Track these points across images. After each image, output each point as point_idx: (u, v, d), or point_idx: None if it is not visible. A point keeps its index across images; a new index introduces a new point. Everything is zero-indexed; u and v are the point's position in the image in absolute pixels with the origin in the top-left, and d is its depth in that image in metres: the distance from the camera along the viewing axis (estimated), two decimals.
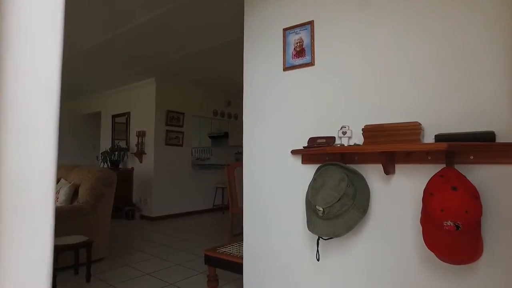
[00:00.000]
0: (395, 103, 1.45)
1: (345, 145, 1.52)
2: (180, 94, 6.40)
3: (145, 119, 6.16)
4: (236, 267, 2.24)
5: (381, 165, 1.42)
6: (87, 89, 6.93)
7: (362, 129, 1.42)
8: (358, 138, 1.53)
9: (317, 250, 1.51)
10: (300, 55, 1.79)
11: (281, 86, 1.86)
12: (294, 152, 1.71)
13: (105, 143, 7.07)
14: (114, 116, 6.91)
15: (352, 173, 1.44)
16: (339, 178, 1.39)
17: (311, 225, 1.47)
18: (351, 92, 1.59)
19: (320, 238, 1.49)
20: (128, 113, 6.54)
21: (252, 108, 2.01)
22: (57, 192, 3.60)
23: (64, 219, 3.16)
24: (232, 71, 5.38)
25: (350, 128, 1.55)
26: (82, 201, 3.40)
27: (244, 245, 2.08)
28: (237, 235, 4.54)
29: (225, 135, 8.81)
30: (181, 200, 6.37)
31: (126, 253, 3.83)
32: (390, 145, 1.28)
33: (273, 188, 1.84)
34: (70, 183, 3.65)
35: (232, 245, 2.65)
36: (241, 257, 2.15)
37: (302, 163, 1.69)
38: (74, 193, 3.58)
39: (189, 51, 4.51)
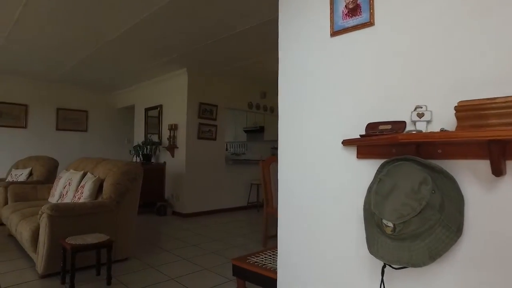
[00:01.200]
0: (504, 68, 0.96)
1: (423, 131, 1.06)
2: (213, 86, 6.10)
3: (177, 112, 5.92)
4: (268, 283, 1.85)
5: (481, 161, 0.95)
6: (121, 82, 6.84)
7: (455, 108, 0.95)
8: (441, 122, 1.06)
9: (381, 282, 1.07)
10: (353, 13, 1.34)
11: (327, 57, 1.42)
12: (346, 142, 1.27)
13: (139, 137, 6.97)
14: (147, 109, 6.77)
15: (438, 173, 0.98)
16: (419, 181, 0.94)
17: (374, 246, 1.03)
18: (429, 59, 1.12)
19: (387, 266, 1.05)
20: (160, 106, 6.35)
21: (289, 89, 1.59)
22: (82, 187, 3.42)
23: (86, 216, 2.94)
24: (267, 57, 4.97)
25: (428, 109, 1.09)
26: (106, 197, 3.17)
27: (278, 259, 1.68)
28: (273, 237, 4.16)
29: (261, 130, 8.43)
30: (214, 196, 6.09)
31: (152, 252, 3.58)
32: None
33: (317, 189, 1.41)
34: (95, 177, 3.45)
35: (265, 254, 2.25)
36: (275, 271, 1.76)
37: (357, 157, 1.25)
38: (99, 188, 3.37)
39: (219, 37, 4.16)
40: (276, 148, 6.35)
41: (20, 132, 6.52)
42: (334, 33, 1.40)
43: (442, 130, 1.00)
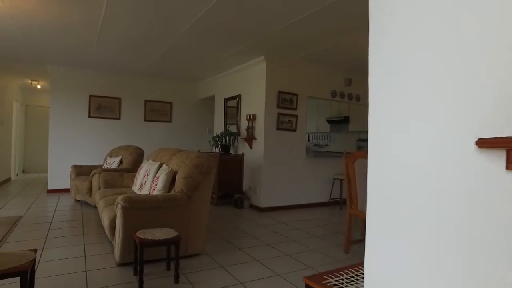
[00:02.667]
0: None
1: None
2: (293, 73, 5.71)
3: (256, 102, 5.70)
4: None
5: None
6: (202, 73, 6.90)
7: None
8: None
9: None
10: None
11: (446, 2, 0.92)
12: (486, 143, 0.78)
13: (219, 127, 6.99)
14: (226, 100, 6.72)
15: None
16: None
17: None
18: None
19: None
20: (239, 96, 6.21)
21: (384, 59, 1.13)
22: (157, 178, 3.39)
23: (158, 209, 2.88)
24: (353, 38, 4.37)
25: None
26: (177, 190, 3.08)
27: (365, 285, 1.26)
28: (357, 242, 3.65)
29: (345, 120, 7.76)
30: (293, 191, 5.75)
31: (224, 249, 3.41)
32: None
33: (436, 207, 0.95)
34: (169, 169, 3.39)
35: (347, 273, 1.83)
36: None
37: (508, 168, 0.75)
38: (172, 180, 3.31)
39: (297, 17, 3.73)
40: (362, 140, 5.70)
41: (115, 123, 7.08)
42: None
43: None
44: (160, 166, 3.72)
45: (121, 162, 5.73)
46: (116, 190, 4.19)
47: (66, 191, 6.39)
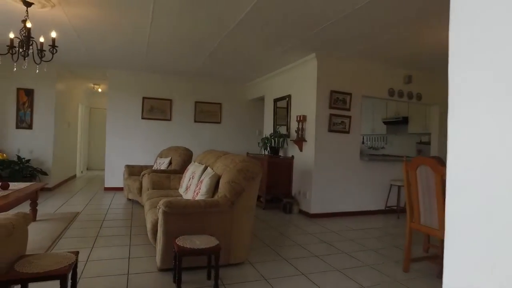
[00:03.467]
0: None
1: None
2: (346, 71, 5.33)
3: (306, 102, 5.43)
4: None
5: None
6: (251, 74, 6.78)
7: None
8: None
9: None
10: None
11: None
12: None
13: (268, 129, 6.82)
14: (275, 100, 6.53)
15: None
16: None
17: None
18: None
19: None
20: (289, 96, 5.98)
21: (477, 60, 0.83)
22: (201, 182, 3.30)
23: (199, 215, 2.76)
24: (416, 28, 3.92)
25: None
26: (220, 195, 2.94)
27: None
28: (418, 260, 3.23)
29: (404, 121, 7.15)
30: (346, 197, 5.38)
31: (269, 260, 3.20)
32: None
33: None
34: (213, 173, 3.28)
35: None
36: None
37: None
38: (216, 184, 3.18)
39: (351, 9, 3.40)
40: (423, 143, 5.12)
41: (166, 124, 7.25)
42: None
43: None
44: (204, 169, 3.63)
45: (170, 163, 5.80)
46: (163, 192, 4.19)
47: (121, 189, 6.65)
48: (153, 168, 5.87)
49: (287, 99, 6.04)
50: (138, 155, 7.02)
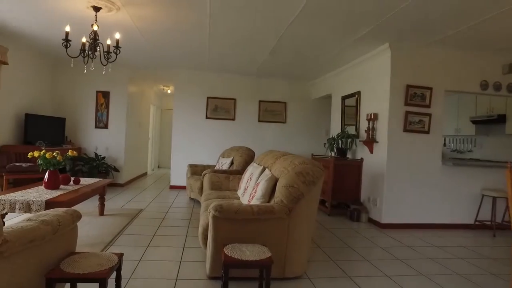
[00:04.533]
0: None
1: None
2: (426, 62, 4.65)
3: (378, 99, 4.86)
4: None
5: None
6: (316, 71, 6.37)
7: None
8: None
9: None
10: None
11: None
12: None
13: (335, 129, 6.34)
14: (343, 98, 6.02)
15: None
16: None
17: None
18: None
19: None
20: (358, 93, 5.45)
21: None
22: (257, 184, 3.04)
23: (252, 221, 2.50)
24: None
25: None
26: (277, 200, 2.65)
27: None
28: None
29: (500, 119, 6.06)
30: (424, 206, 4.68)
31: (331, 275, 2.81)
32: None
33: None
34: (270, 175, 3.00)
35: None
36: None
37: None
38: (273, 188, 2.90)
39: None
40: None
41: (230, 124, 7.20)
42: None
43: None
44: (262, 171, 3.38)
45: (232, 163, 5.69)
46: (220, 193, 4.05)
47: (185, 188, 6.75)
48: (215, 168, 5.83)
49: (356, 96, 5.51)
50: (202, 154, 7.08)
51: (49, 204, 3.03)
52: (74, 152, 3.67)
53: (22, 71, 5.62)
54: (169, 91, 9.31)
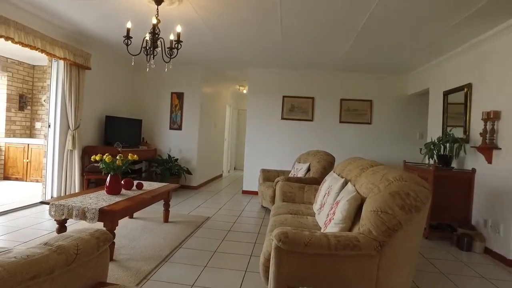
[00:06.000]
0: None
1: None
2: None
3: (500, 92, 3.72)
4: None
5: None
6: (409, 62, 5.32)
7: None
8: None
9: None
10: None
11: None
12: None
13: (434, 131, 5.21)
14: (445, 93, 4.88)
15: None
16: None
17: None
18: None
19: None
20: (468, 86, 4.30)
21: None
22: (337, 203, 2.36)
23: (327, 257, 1.84)
24: None
25: None
26: (362, 229, 1.93)
27: None
28: None
29: None
30: None
31: None
32: None
33: None
34: (354, 193, 2.28)
35: None
36: None
37: None
38: (358, 209, 2.19)
39: None
40: None
41: (307, 125, 6.53)
42: None
43: None
44: (343, 185, 2.67)
45: (308, 169, 5.03)
46: (293, 206, 3.44)
47: (258, 194, 6.31)
48: (289, 175, 5.24)
49: (465, 89, 4.37)
50: (276, 158, 6.55)
51: (103, 213, 2.79)
52: (135, 156, 3.44)
53: (103, 75, 5.80)
54: (244, 91, 9.03)
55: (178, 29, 3.44)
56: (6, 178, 6.86)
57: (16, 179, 6.79)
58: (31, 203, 4.70)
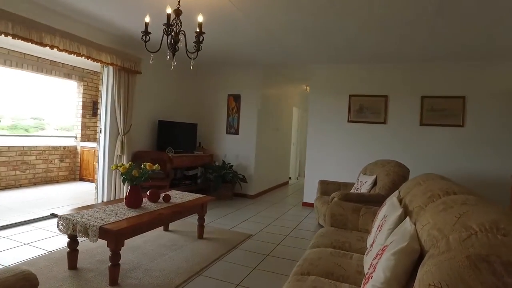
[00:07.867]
0: None
1: None
2: None
3: None
4: None
5: None
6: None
7: None
8: None
9: None
10: None
11: None
12: None
13: None
14: None
15: None
16: None
17: None
18: None
19: None
20: None
21: None
22: (384, 248, 1.53)
23: None
24: None
25: None
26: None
27: None
28: None
29: None
30: None
31: None
32: None
33: None
34: (407, 242, 1.43)
35: None
36: None
37: None
38: (411, 268, 1.34)
39: None
40: None
41: (379, 129, 5.47)
42: None
43: None
44: (400, 219, 1.80)
45: (374, 183, 4.08)
46: (340, 235, 2.63)
47: None
48: (352, 188, 4.37)
49: None
50: (341, 167, 5.65)
51: (103, 232, 2.42)
52: (156, 165, 3.03)
53: (156, 79, 5.67)
54: None
55: (200, 18, 2.94)
56: (81, 179, 7.32)
57: (88, 180, 7.17)
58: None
